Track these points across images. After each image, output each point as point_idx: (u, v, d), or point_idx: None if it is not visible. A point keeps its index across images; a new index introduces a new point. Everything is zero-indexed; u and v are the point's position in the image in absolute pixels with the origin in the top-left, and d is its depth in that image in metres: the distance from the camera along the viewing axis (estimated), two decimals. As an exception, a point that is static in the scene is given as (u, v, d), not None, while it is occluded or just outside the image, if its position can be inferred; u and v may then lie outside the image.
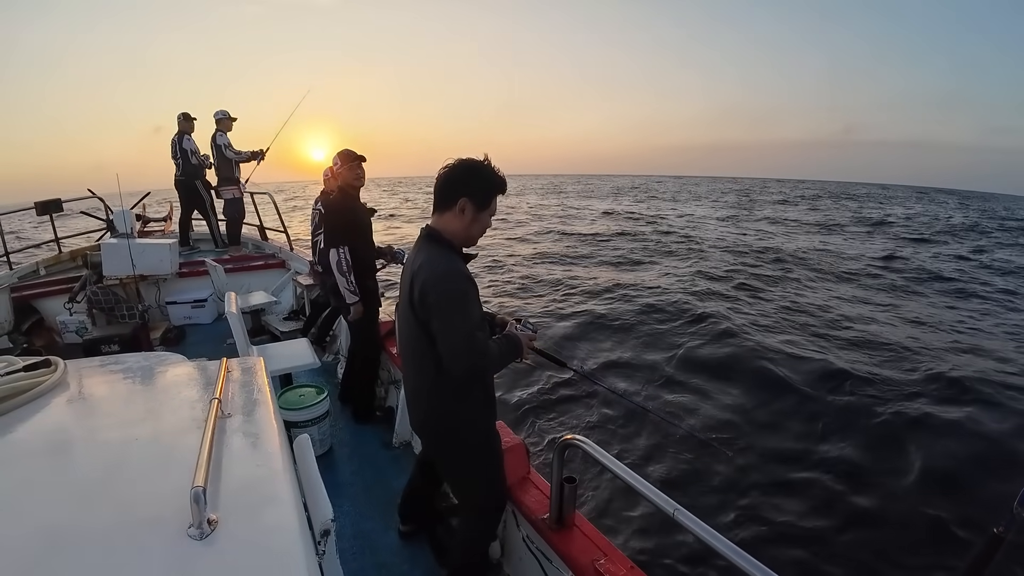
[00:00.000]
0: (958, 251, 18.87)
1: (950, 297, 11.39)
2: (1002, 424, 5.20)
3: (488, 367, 1.82)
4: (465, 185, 1.74)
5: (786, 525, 3.83)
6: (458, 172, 1.75)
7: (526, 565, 2.21)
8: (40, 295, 5.62)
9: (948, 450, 4.75)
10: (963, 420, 5.26)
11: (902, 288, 11.99)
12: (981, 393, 5.86)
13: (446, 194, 1.77)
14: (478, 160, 1.76)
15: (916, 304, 10.54)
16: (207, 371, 1.58)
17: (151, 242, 6.13)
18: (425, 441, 2.10)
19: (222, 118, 7.18)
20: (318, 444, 3.17)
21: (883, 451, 4.78)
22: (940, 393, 5.91)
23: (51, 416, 1.27)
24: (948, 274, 13.88)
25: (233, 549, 0.84)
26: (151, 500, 0.95)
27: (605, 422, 5.38)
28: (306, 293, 5.71)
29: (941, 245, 20.65)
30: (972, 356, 7.31)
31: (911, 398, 5.76)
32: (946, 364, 6.74)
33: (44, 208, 6.54)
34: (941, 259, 16.80)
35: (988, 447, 4.83)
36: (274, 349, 3.84)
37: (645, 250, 16.57)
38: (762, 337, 7.70)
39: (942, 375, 6.35)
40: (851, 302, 10.40)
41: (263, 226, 7.97)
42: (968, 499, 4.09)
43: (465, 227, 1.78)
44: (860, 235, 23.06)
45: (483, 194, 1.76)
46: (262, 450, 1.16)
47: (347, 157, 3.55)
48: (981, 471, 4.45)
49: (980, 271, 14.92)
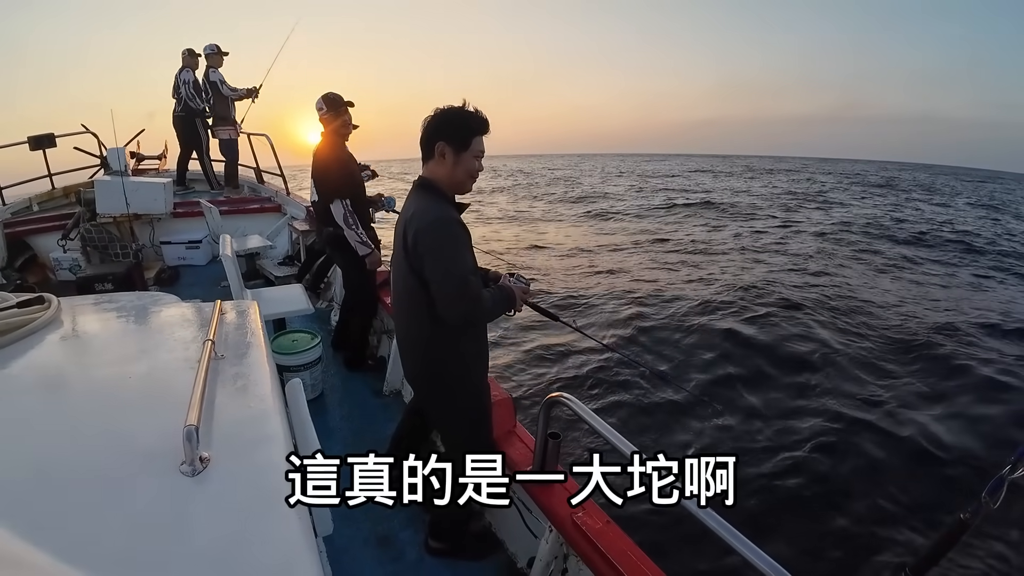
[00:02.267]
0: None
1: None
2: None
3: (481, 315, 1.84)
4: (440, 131, 1.78)
5: (763, 489, 3.89)
6: (434, 120, 1.80)
7: (507, 514, 2.29)
8: (33, 231, 5.57)
9: (931, 431, 4.81)
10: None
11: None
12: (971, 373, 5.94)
13: (426, 142, 1.81)
14: (454, 106, 1.79)
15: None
16: (201, 312, 1.58)
17: (145, 180, 6.05)
18: (416, 390, 2.14)
19: (212, 53, 6.90)
20: (309, 389, 3.21)
21: (863, 424, 4.85)
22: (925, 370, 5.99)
23: (44, 353, 1.28)
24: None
25: (224, 486, 0.86)
26: (144, 437, 0.97)
27: (596, 377, 5.46)
28: (302, 239, 5.68)
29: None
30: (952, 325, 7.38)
31: (898, 374, 5.85)
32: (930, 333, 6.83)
33: (37, 143, 6.42)
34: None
35: (979, 426, 4.90)
36: (268, 293, 3.84)
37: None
38: (757, 307, 7.75)
39: (929, 348, 6.44)
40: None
41: (260, 169, 7.84)
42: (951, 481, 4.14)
43: (449, 171, 1.80)
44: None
45: (460, 136, 1.78)
46: (254, 392, 1.17)
47: (333, 102, 3.41)
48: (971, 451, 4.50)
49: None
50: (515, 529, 2.26)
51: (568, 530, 1.84)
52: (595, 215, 19.74)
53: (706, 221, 18.06)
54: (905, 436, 4.64)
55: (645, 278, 9.55)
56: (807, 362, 5.97)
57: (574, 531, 1.82)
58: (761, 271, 10.11)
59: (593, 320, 7.29)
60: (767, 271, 10.12)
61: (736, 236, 14.69)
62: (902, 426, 4.77)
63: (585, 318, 7.28)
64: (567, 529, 1.85)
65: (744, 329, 6.77)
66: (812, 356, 6.10)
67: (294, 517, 0.83)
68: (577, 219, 18.90)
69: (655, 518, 3.21)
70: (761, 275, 9.64)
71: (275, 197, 7.01)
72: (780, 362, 5.96)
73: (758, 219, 18.44)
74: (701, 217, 19.20)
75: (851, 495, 3.95)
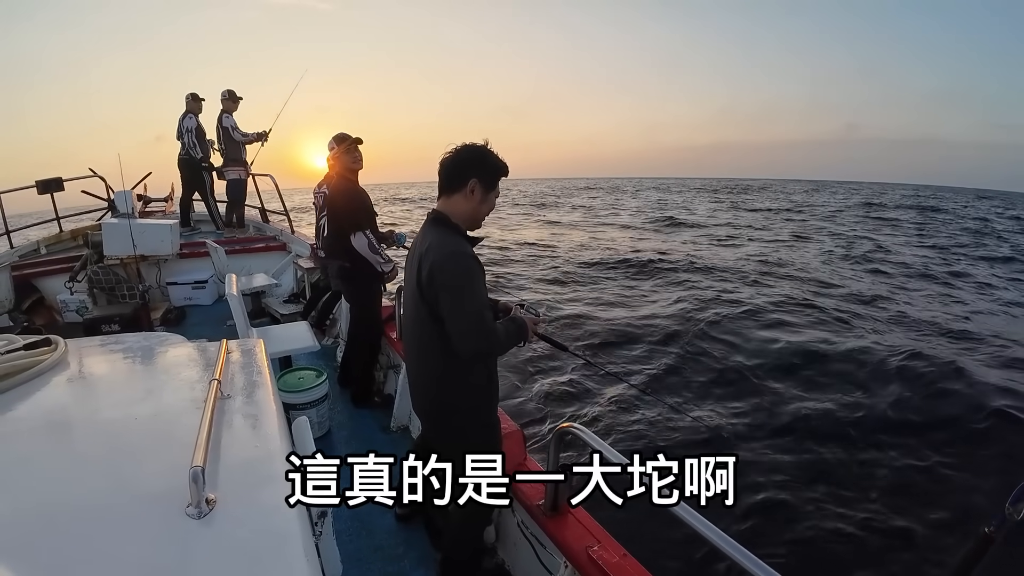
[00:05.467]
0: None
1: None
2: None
3: (495, 348, 1.83)
4: (475, 167, 1.77)
5: (783, 521, 3.81)
6: (466, 154, 1.78)
7: (520, 550, 2.23)
8: (41, 274, 5.61)
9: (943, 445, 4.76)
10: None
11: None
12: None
13: (454, 176, 1.79)
14: (481, 144, 1.79)
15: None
16: (207, 352, 1.58)
17: (152, 222, 6.13)
18: (426, 425, 2.12)
19: (226, 98, 7.12)
20: (316, 426, 3.18)
21: (875, 442, 4.79)
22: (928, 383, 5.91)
23: (51, 394, 1.28)
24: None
25: (231, 529, 0.85)
26: (150, 479, 0.96)
27: (606, 407, 5.39)
28: (307, 276, 5.70)
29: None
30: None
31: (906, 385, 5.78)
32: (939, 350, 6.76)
33: (45, 187, 6.52)
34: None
35: (989, 441, 4.84)
36: (274, 331, 3.84)
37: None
38: (768, 324, 7.71)
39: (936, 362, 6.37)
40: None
41: (264, 208, 7.94)
42: (966, 496, 4.09)
43: (474, 208, 1.80)
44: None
45: (491, 175, 1.79)
46: (261, 431, 1.16)
47: (343, 140, 3.52)
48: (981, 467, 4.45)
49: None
50: (529, 565, 2.20)
51: (584, 565, 1.79)
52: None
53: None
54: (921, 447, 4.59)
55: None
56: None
57: (590, 566, 1.77)
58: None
59: (610, 352, 7.23)
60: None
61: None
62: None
63: (602, 350, 7.22)
64: (583, 564, 1.80)
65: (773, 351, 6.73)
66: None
67: (302, 559, 0.81)
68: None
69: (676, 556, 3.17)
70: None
71: (280, 236, 7.08)
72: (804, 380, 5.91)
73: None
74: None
75: (868, 507, 3.91)
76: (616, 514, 3.47)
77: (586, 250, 15.85)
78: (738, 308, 8.74)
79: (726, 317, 8.16)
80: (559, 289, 10.90)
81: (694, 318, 8.14)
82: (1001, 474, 4.28)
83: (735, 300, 9.32)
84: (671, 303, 9.22)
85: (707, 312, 8.40)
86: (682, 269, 12.39)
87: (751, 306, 8.86)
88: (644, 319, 8.29)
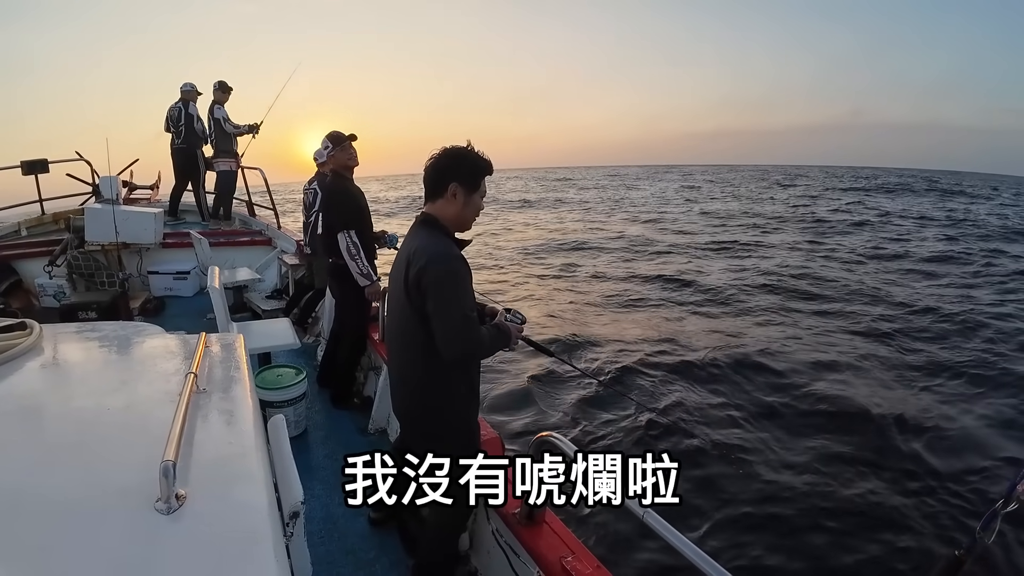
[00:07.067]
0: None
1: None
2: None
3: (479, 352, 1.85)
4: (453, 171, 1.79)
5: (755, 534, 3.81)
6: (445, 160, 1.80)
7: (493, 558, 2.22)
8: (20, 256, 5.51)
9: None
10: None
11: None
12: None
13: (436, 182, 1.81)
14: (461, 146, 1.80)
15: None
16: (185, 344, 1.56)
17: (136, 210, 6.04)
18: (405, 427, 2.10)
19: (218, 89, 7.09)
20: (293, 425, 3.14)
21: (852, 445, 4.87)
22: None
23: (23, 380, 1.26)
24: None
25: (200, 526, 0.84)
26: (119, 471, 0.94)
27: (588, 413, 5.39)
28: (291, 273, 5.65)
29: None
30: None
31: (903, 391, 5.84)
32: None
33: (30, 168, 6.42)
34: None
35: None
36: (255, 327, 3.80)
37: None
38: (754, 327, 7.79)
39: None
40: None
41: (252, 201, 7.87)
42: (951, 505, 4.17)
43: (459, 211, 1.82)
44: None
45: (472, 177, 1.81)
46: (235, 428, 1.15)
47: (337, 139, 3.50)
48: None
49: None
50: (502, 574, 2.19)
51: (557, 575, 1.79)
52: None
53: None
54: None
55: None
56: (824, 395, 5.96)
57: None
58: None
59: (590, 356, 7.23)
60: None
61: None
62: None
63: (585, 354, 7.23)
64: (556, 574, 1.79)
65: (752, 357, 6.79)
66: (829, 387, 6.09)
67: (272, 560, 0.80)
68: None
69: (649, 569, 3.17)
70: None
71: (266, 231, 7.01)
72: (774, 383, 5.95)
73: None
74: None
75: (838, 528, 3.93)
76: (588, 523, 3.47)
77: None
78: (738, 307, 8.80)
79: (726, 316, 8.24)
80: (555, 287, 10.95)
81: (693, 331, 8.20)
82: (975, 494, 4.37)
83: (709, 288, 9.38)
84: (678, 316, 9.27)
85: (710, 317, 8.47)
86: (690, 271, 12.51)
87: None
88: (637, 323, 8.34)
